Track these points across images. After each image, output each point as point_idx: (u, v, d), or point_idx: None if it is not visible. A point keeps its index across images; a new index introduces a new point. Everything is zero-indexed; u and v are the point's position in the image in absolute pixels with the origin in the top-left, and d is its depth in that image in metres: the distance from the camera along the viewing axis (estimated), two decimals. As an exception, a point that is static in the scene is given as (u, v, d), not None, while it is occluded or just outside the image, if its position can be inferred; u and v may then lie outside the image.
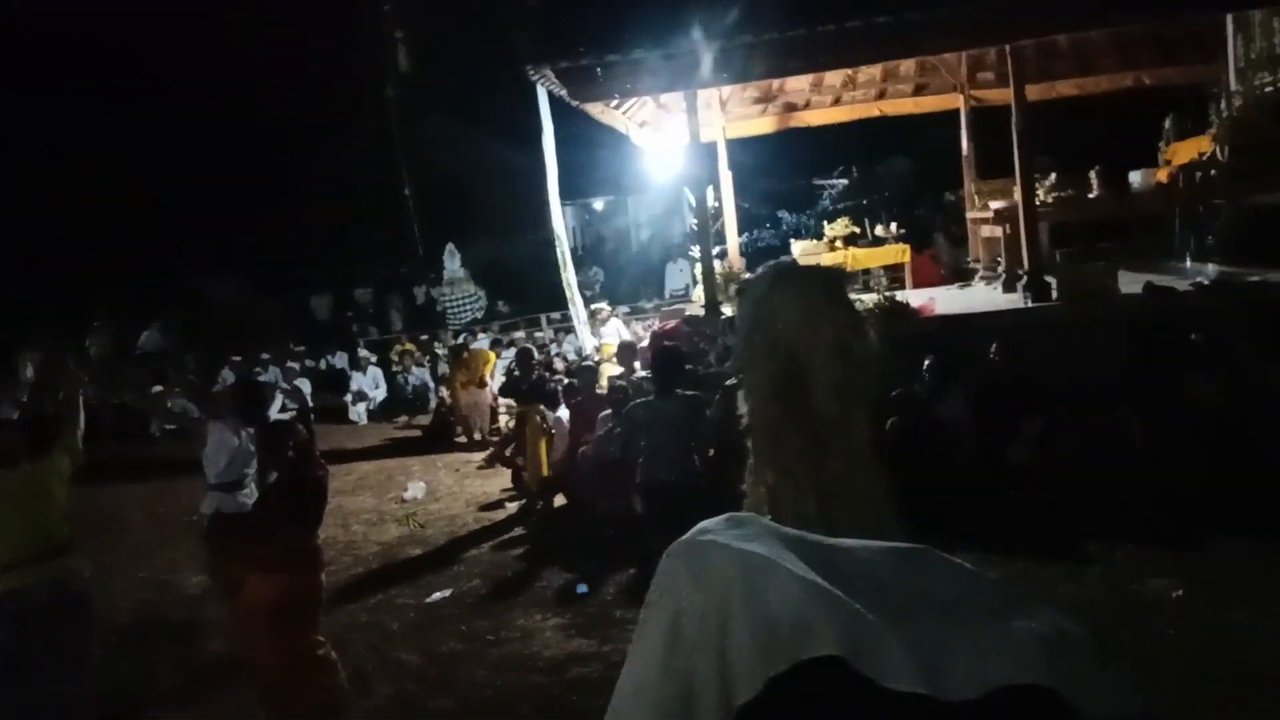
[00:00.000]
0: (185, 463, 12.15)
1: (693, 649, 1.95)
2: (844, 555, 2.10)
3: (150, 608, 7.24)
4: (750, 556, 1.98)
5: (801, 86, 12.35)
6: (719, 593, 1.95)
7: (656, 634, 2.03)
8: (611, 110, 10.78)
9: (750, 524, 2.15)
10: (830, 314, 3.64)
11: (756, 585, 1.93)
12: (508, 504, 9.33)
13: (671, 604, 2.02)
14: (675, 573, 2.06)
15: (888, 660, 1.79)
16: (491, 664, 5.65)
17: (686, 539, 2.15)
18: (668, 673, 1.97)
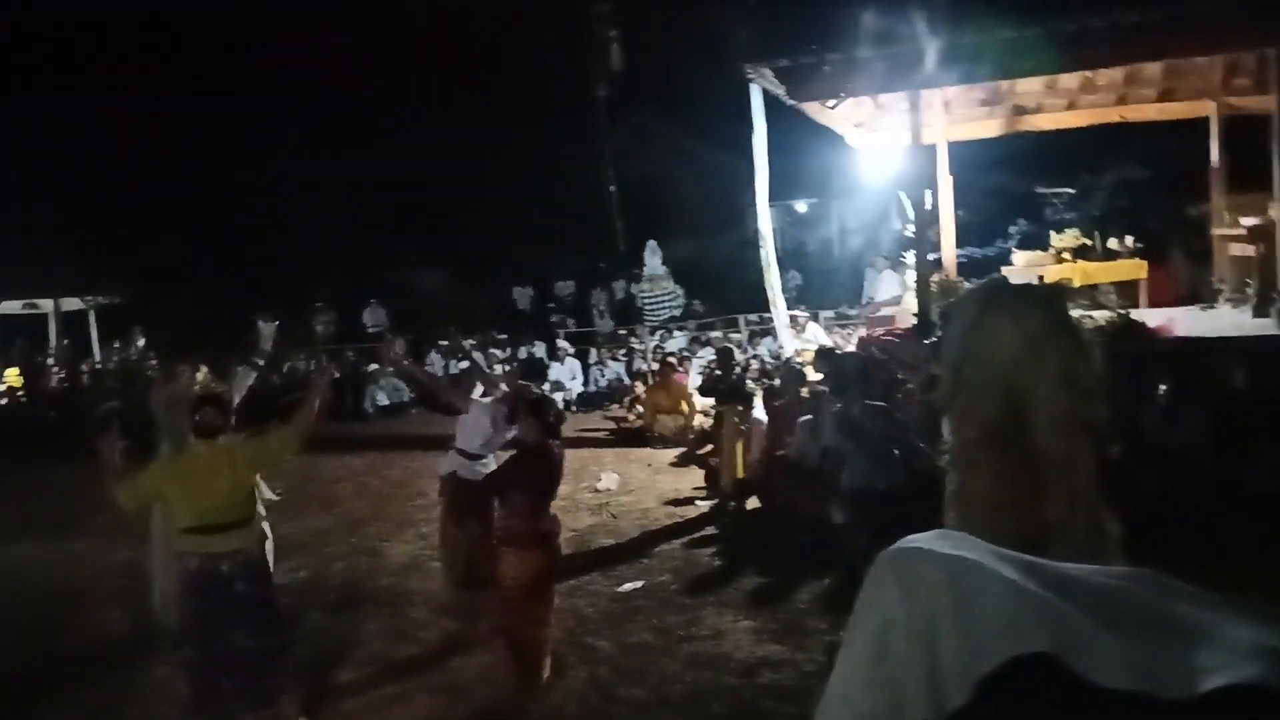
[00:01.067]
0: (397, 438, 12.84)
1: (901, 659, 1.86)
2: (1058, 572, 1.96)
3: (361, 574, 7.59)
4: (957, 561, 1.87)
5: (1034, 88, 11.72)
6: (928, 600, 1.84)
7: (863, 644, 1.93)
8: (828, 110, 10.56)
9: (962, 540, 2.03)
10: (1054, 341, 3.32)
11: (965, 589, 1.82)
12: (699, 502, 9.30)
13: (878, 614, 1.92)
14: (882, 582, 1.96)
15: (1100, 657, 1.66)
16: (683, 659, 5.61)
17: (894, 548, 2.04)
18: (874, 683, 1.88)
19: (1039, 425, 3.17)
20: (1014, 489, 3.16)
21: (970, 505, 3.22)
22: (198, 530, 4.63)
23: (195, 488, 4.64)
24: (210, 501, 4.64)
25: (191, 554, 4.65)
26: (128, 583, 7.55)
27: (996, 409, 3.24)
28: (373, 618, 6.57)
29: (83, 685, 5.64)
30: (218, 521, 4.65)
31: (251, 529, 4.83)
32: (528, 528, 4.96)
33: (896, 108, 10.46)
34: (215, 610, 4.62)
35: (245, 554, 4.72)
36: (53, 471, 12.02)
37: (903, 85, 9.10)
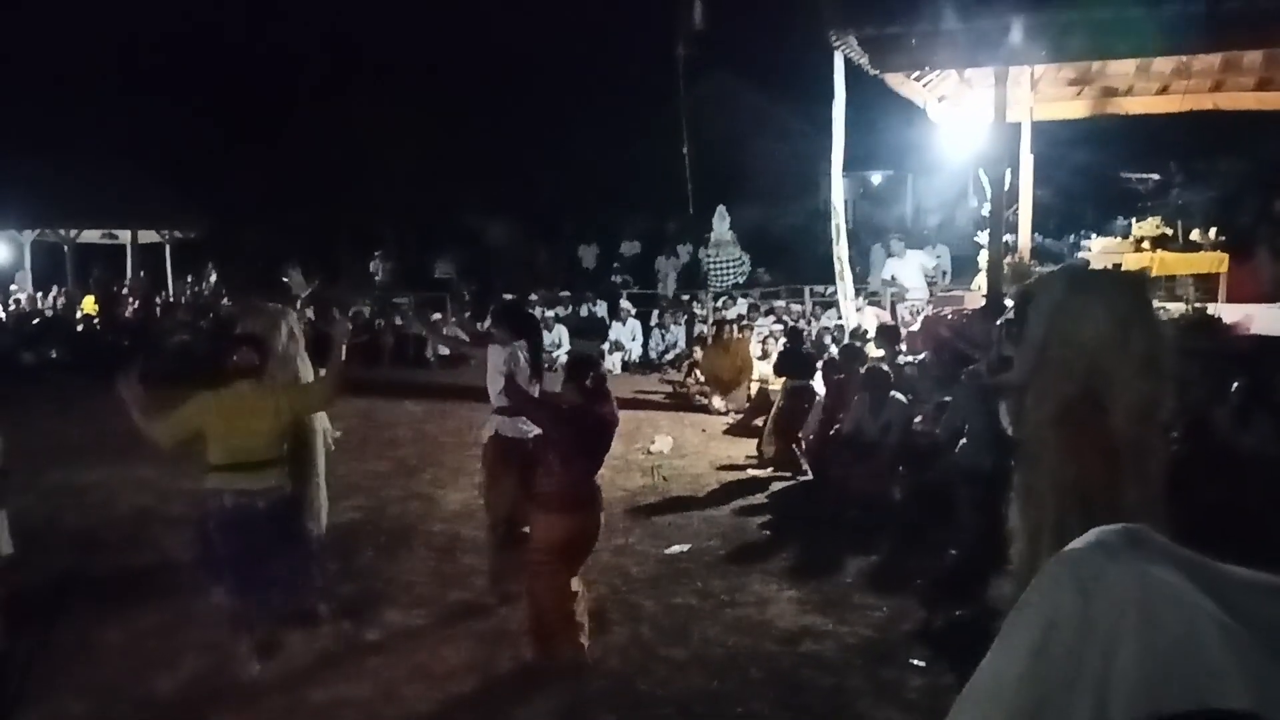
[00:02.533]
0: (457, 387, 12.99)
1: (1060, 662, 1.84)
2: (1234, 586, 1.89)
3: (414, 519, 7.73)
4: (1155, 582, 1.82)
5: (1125, 70, 11.37)
6: (1111, 613, 1.81)
7: (1025, 638, 1.93)
8: (911, 82, 10.37)
9: (1148, 540, 1.98)
10: (1140, 327, 3.28)
11: (1160, 613, 1.78)
12: (751, 470, 9.30)
13: (1048, 611, 1.91)
14: (1059, 581, 1.94)
15: None
16: (725, 624, 5.65)
17: (1079, 549, 2.00)
18: (1028, 679, 1.87)
19: (1118, 408, 3.15)
20: (1081, 470, 3.16)
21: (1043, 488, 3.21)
22: (233, 467, 4.80)
23: (237, 425, 4.81)
24: (249, 440, 4.81)
25: (227, 490, 4.82)
26: (192, 509, 7.77)
27: (1077, 389, 3.24)
28: (424, 561, 6.70)
29: (143, 606, 5.81)
30: (254, 459, 4.82)
31: (283, 469, 4.99)
32: (559, 492, 4.87)
33: (982, 83, 10.23)
34: (246, 544, 4.80)
35: (279, 491, 4.94)
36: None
37: (990, 60, 8.89)
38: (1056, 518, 3.04)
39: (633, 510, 7.92)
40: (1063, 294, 3.09)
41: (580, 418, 4.92)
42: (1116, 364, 2.93)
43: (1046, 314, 3.06)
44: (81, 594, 5.97)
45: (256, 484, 4.84)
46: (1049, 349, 3.02)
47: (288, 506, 5.03)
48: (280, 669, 5.02)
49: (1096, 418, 2.93)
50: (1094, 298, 2.98)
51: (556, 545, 4.89)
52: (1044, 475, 3.01)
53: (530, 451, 5.63)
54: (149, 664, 5.09)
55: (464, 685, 4.91)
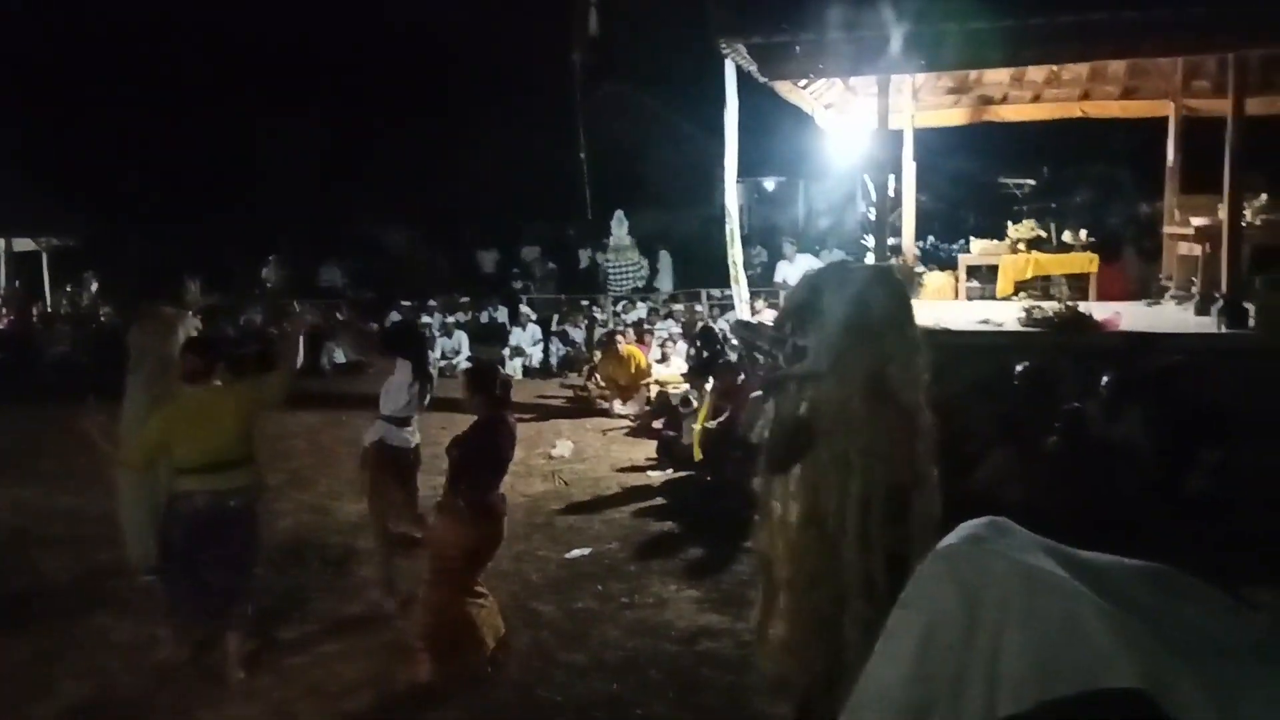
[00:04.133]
0: (354, 396, 12.75)
1: (947, 658, 1.89)
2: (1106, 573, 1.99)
3: (308, 531, 7.60)
4: (1036, 572, 1.90)
5: (1000, 79, 11.84)
6: (996, 604, 1.87)
7: (909, 639, 1.98)
8: (799, 90, 10.59)
9: (1015, 531, 2.07)
10: (911, 312, 3.68)
11: (1041, 603, 1.85)
12: (651, 473, 9.39)
13: (929, 610, 1.96)
14: (938, 579, 2.00)
15: (1186, 698, 1.69)
16: (625, 626, 5.71)
17: (955, 544, 2.07)
18: (914, 679, 1.92)
19: (904, 385, 3.41)
20: (889, 440, 3.37)
21: (850, 451, 3.40)
22: (204, 469, 4.82)
23: (201, 429, 4.84)
24: (217, 441, 4.85)
25: (199, 492, 4.83)
26: (72, 529, 7.52)
27: (872, 370, 3.48)
28: (318, 575, 6.60)
29: (21, 632, 5.62)
30: (224, 459, 4.86)
31: (255, 467, 5.09)
32: (470, 502, 4.86)
33: (866, 91, 10.51)
34: (211, 543, 4.85)
35: (251, 489, 5.03)
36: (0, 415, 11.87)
37: (872, 69, 9.14)
38: (864, 488, 3.24)
39: (533, 516, 7.92)
40: (861, 286, 3.40)
41: (489, 427, 4.94)
42: (896, 347, 3.27)
43: (842, 303, 3.33)
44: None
45: (228, 483, 4.87)
46: (850, 330, 3.28)
47: (258, 503, 5.13)
48: (165, 691, 4.90)
49: (888, 394, 3.23)
50: (880, 289, 3.33)
51: (465, 554, 4.90)
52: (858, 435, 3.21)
53: (411, 461, 5.75)
54: (27, 691, 4.92)
55: (360, 701, 4.86)
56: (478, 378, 5.17)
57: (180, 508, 4.91)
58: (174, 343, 5.92)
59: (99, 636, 5.54)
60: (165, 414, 5.01)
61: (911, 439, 3.23)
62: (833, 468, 3.21)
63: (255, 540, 5.15)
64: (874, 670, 2.14)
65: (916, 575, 2.17)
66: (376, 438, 6.00)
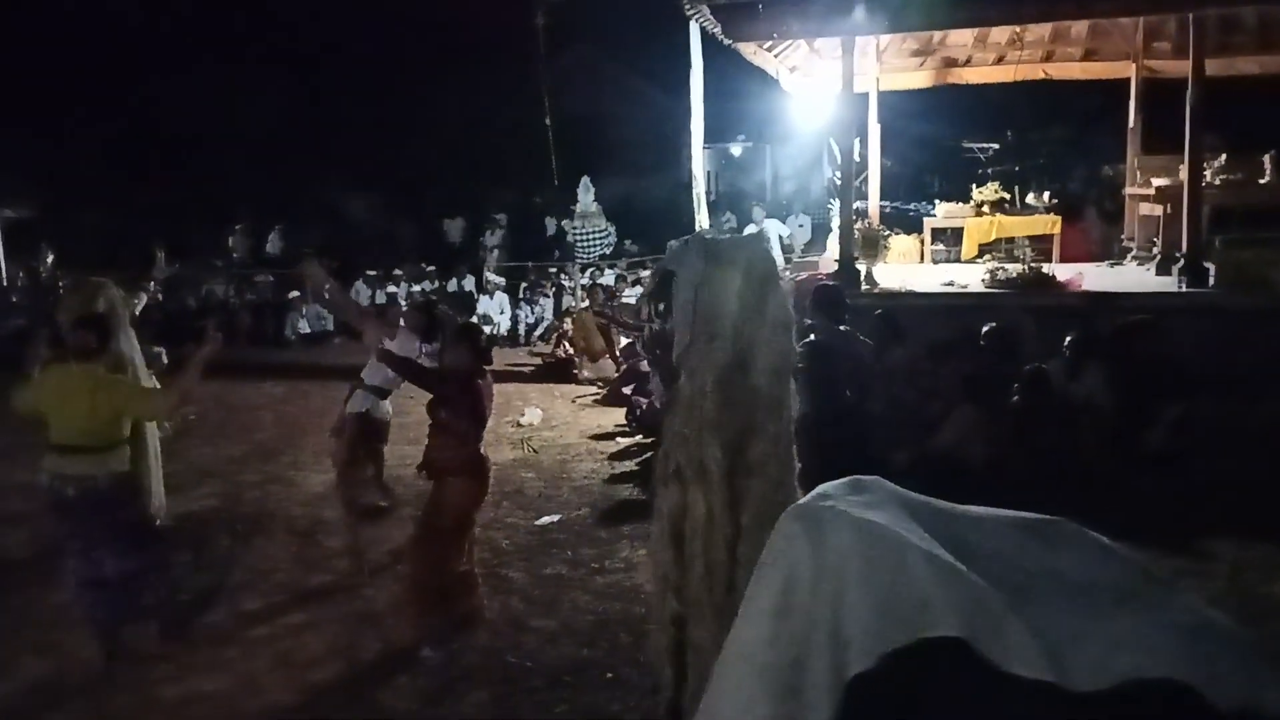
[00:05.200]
0: (319, 367, 12.66)
1: (804, 616, 1.89)
2: (971, 525, 2.00)
3: (274, 503, 7.53)
4: (871, 526, 1.89)
5: (964, 41, 11.83)
6: (836, 562, 1.87)
7: (767, 598, 1.97)
8: (763, 52, 10.53)
9: (875, 489, 2.06)
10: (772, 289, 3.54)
11: (875, 557, 1.85)
12: (620, 439, 9.38)
13: (784, 568, 1.95)
14: (792, 536, 1.99)
15: (1011, 644, 1.69)
16: (595, 591, 5.72)
17: (805, 503, 2.07)
18: (777, 638, 1.91)
19: (759, 369, 3.35)
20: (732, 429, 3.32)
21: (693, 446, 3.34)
22: (54, 449, 4.69)
23: (59, 406, 4.69)
24: (67, 423, 4.67)
25: (44, 471, 4.71)
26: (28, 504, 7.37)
27: (727, 355, 3.42)
28: (284, 547, 6.54)
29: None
30: (69, 443, 4.68)
31: (102, 459, 4.73)
32: (465, 455, 4.90)
33: (830, 53, 10.48)
34: (65, 530, 4.74)
35: (93, 480, 4.69)
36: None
37: (836, 30, 9.10)
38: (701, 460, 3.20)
39: (503, 484, 7.87)
40: (705, 267, 3.24)
41: (472, 383, 4.95)
42: (756, 327, 3.13)
43: (693, 286, 3.20)
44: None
45: (69, 469, 4.67)
46: (697, 321, 3.17)
47: (101, 497, 4.73)
48: (129, 666, 4.84)
49: (743, 379, 3.12)
50: (733, 270, 3.17)
51: (460, 509, 4.97)
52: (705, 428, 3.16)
53: (385, 434, 5.72)
54: (-18, 669, 4.85)
55: (329, 671, 4.84)
56: (464, 332, 5.17)
57: (37, 480, 4.82)
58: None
59: (58, 613, 5.44)
60: (43, 379, 4.88)
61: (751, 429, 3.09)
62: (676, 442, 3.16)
63: (102, 531, 4.74)
64: (737, 632, 2.13)
65: (773, 534, 2.15)
66: (362, 409, 5.98)
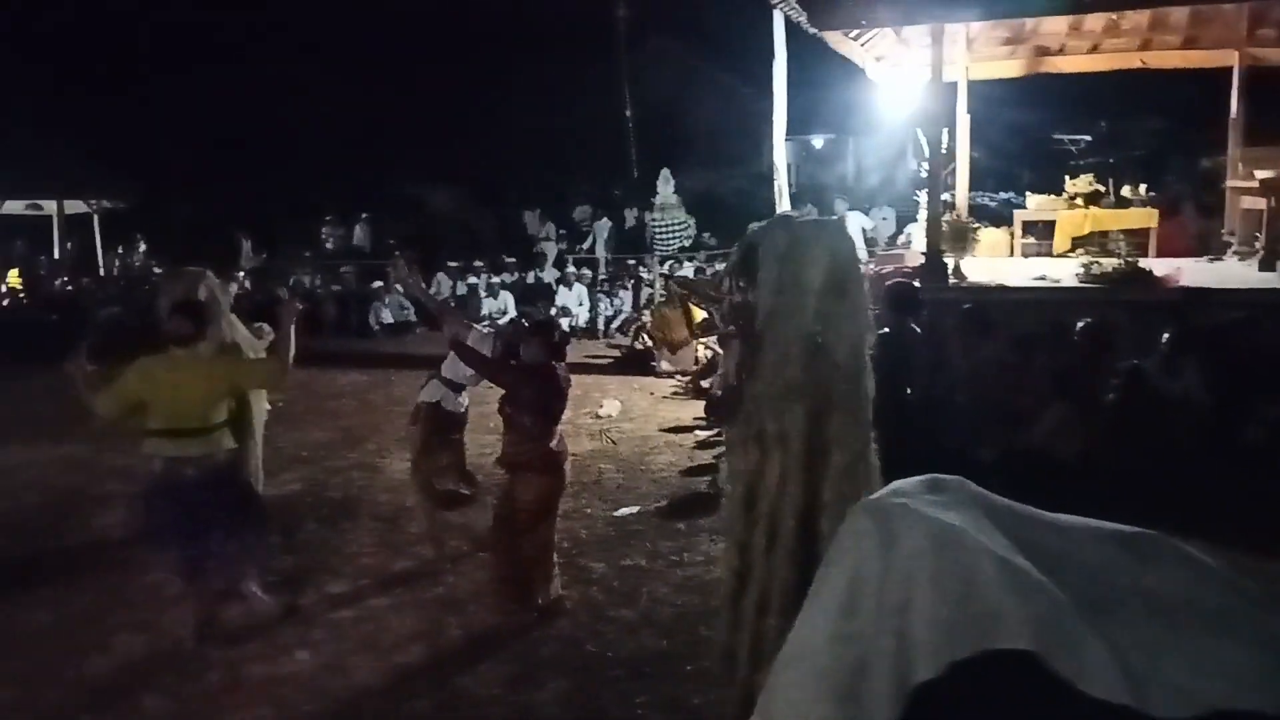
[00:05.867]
0: (401, 356, 12.84)
1: (870, 617, 1.79)
2: (1056, 533, 1.88)
3: (358, 489, 7.64)
4: (946, 529, 1.79)
5: (1058, 29, 11.46)
6: (906, 563, 1.77)
7: (832, 596, 1.88)
8: (849, 41, 10.34)
9: (954, 489, 1.95)
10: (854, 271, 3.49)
11: (947, 561, 1.75)
12: (699, 432, 9.32)
13: (851, 567, 1.86)
14: (860, 534, 1.90)
15: (1087, 662, 1.58)
16: (674, 583, 5.68)
17: (878, 498, 1.97)
18: (839, 639, 1.82)
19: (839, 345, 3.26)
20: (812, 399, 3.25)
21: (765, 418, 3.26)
22: (165, 434, 4.73)
23: (168, 392, 4.73)
24: (180, 407, 4.74)
25: (157, 456, 4.75)
26: (124, 486, 7.60)
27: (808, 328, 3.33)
28: (368, 532, 6.63)
29: (74, 587, 5.70)
30: (185, 426, 4.74)
31: (217, 438, 4.85)
32: (540, 450, 4.95)
33: (918, 42, 10.25)
34: (179, 511, 4.73)
35: (211, 459, 4.81)
36: (51, 374, 11.98)
37: (926, 17, 8.89)
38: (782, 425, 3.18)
39: (582, 475, 7.88)
40: (788, 241, 3.24)
41: (549, 377, 4.99)
42: (836, 306, 3.13)
43: (776, 260, 3.18)
44: (9, 577, 5.83)
45: (187, 450, 4.74)
46: (782, 291, 3.15)
47: (221, 474, 4.87)
48: (219, 644, 4.93)
49: (822, 355, 3.11)
50: (820, 248, 3.19)
51: (541, 500, 5.01)
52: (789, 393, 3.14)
53: (460, 423, 5.76)
54: (81, 646, 4.98)
55: (412, 655, 4.88)
56: (538, 326, 5.25)
57: (144, 468, 4.87)
58: None
59: (152, 592, 5.58)
60: (139, 368, 4.86)
61: (830, 406, 3.08)
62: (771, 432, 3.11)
63: (218, 510, 4.82)
64: (799, 629, 2.04)
65: (841, 530, 2.05)
66: (433, 399, 6.02)
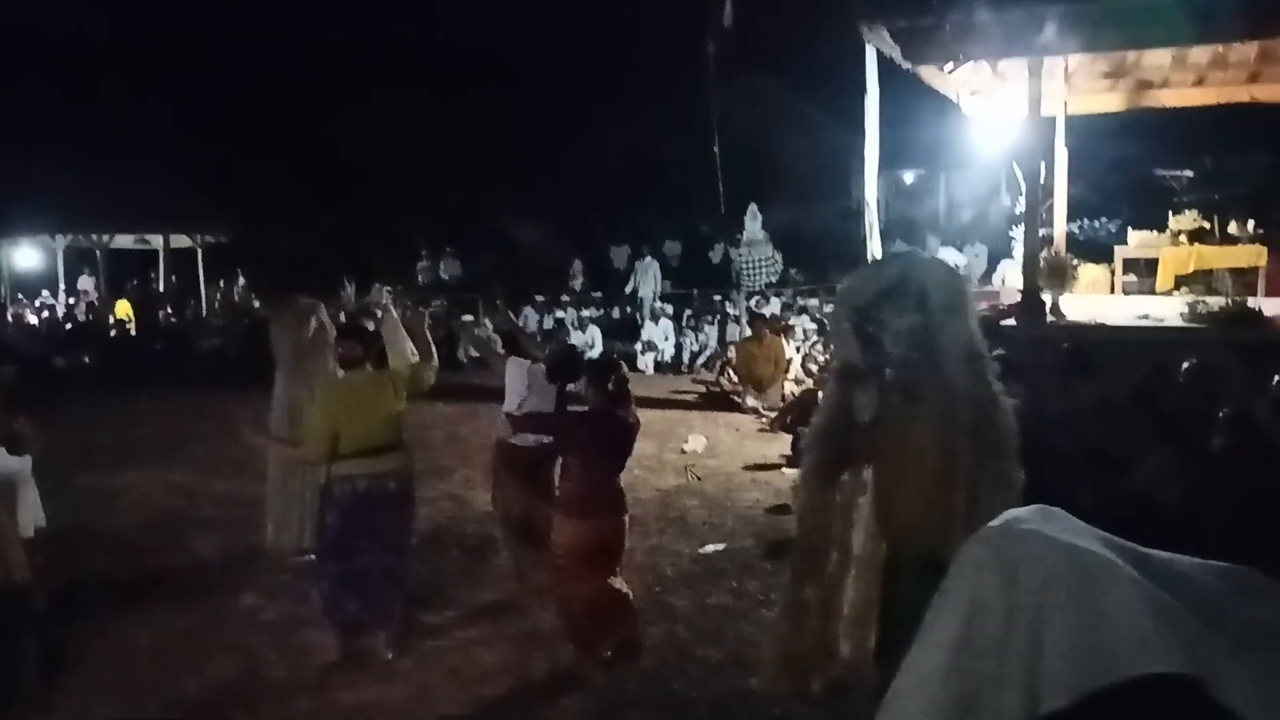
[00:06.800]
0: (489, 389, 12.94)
1: (990, 648, 1.73)
2: (1164, 564, 1.81)
3: (445, 519, 7.72)
4: (1082, 554, 1.73)
5: (1161, 62, 11.15)
6: (1040, 588, 1.71)
7: (948, 627, 1.82)
8: (943, 75, 10.21)
9: (1065, 519, 1.90)
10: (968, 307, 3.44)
11: (1083, 585, 1.69)
12: (785, 470, 9.20)
13: (969, 596, 1.80)
14: (980, 563, 1.84)
15: (1244, 688, 1.52)
16: (761, 624, 5.54)
17: (996, 527, 1.91)
18: (954, 671, 1.76)
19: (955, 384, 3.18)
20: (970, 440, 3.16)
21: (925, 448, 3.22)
22: (363, 453, 4.96)
23: (361, 413, 5.00)
24: (375, 425, 5.01)
25: (359, 475, 4.98)
26: (223, 511, 7.82)
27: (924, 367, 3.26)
28: (456, 563, 6.69)
29: (172, 609, 5.83)
30: (380, 443, 5.01)
31: (407, 451, 5.23)
32: (579, 495, 4.80)
33: (1015, 76, 10.06)
34: (368, 526, 4.99)
35: (406, 471, 5.19)
36: (157, 402, 12.48)
37: (1024, 51, 8.74)
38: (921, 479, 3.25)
39: (666, 510, 7.86)
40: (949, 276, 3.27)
41: (599, 421, 4.87)
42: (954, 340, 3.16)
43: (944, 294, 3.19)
44: (111, 596, 5.99)
45: (385, 465, 5.03)
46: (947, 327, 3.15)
47: (412, 485, 5.33)
48: (308, 671, 5.01)
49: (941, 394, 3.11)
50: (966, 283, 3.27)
51: (578, 548, 4.79)
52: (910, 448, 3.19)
53: (535, 459, 5.71)
54: (177, 666, 5.09)
55: (497, 687, 4.88)
56: (591, 370, 5.13)
57: (339, 491, 5.00)
58: (306, 332, 6.39)
59: (248, 616, 5.70)
60: (325, 402, 5.12)
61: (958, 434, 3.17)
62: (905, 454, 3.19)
63: (410, 522, 5.32)
64: (914, 659, 1.99)
65: (958, 560, 2.00)
66: (502, 434, 6.03)
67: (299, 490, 6.41)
